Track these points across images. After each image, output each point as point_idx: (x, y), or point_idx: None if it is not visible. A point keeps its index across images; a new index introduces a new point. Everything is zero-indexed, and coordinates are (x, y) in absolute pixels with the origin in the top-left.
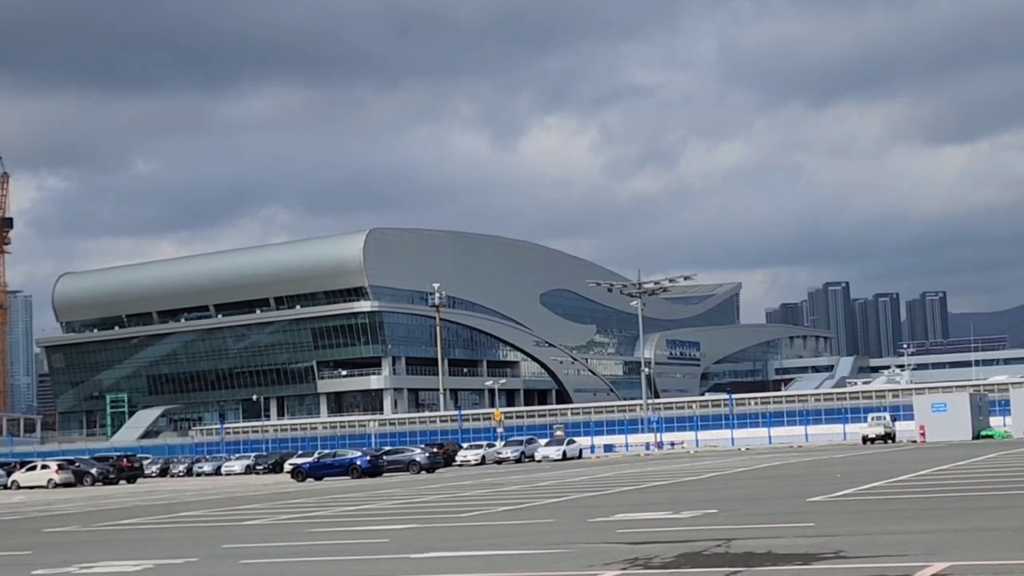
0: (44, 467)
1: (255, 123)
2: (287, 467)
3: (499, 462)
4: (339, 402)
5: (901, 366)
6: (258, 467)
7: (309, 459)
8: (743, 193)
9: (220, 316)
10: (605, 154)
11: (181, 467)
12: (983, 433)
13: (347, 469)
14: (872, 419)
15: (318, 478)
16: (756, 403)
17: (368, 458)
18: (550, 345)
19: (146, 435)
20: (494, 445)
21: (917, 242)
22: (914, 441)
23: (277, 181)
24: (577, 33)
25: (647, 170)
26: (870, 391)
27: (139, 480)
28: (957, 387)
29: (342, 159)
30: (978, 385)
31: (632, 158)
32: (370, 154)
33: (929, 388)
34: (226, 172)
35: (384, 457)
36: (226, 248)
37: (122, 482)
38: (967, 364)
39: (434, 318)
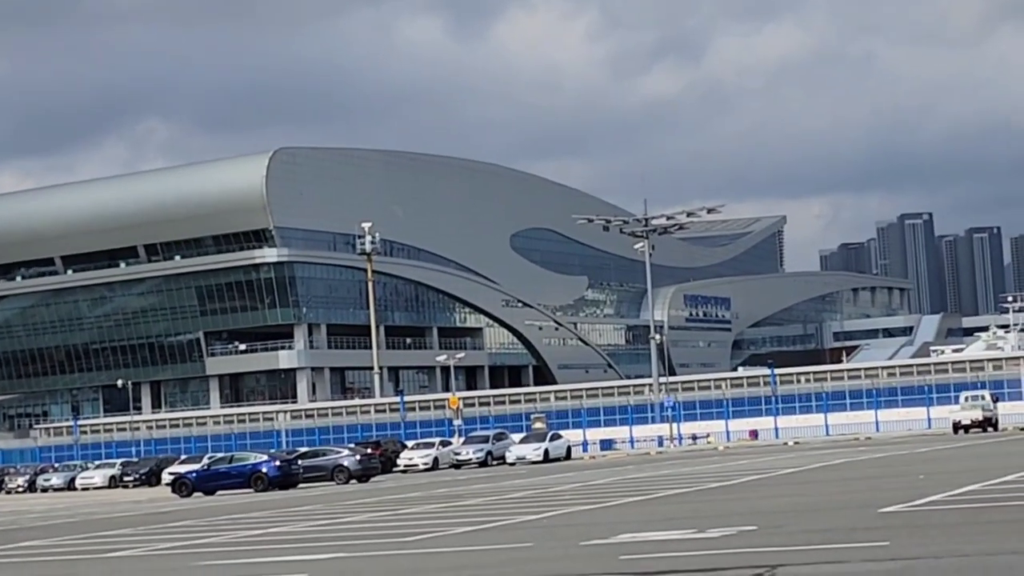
0: None
1: (129, 10)
2: (166, 477)
3: (457, 466)
4: (236, 387)
5: (1005, 326)
6: (126, 478)
7: (197, 466)
8: (793, 95)
9: (70, 272)
10: (607, 43)
11: (20, 480)
12: None
13: (249, 479)
14: (966, 399)
15: (209, 492)
16: (808, 380)
17: (277, 463)
18: (525, 305)
19: None
20: (450, 443)
21: None
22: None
23: (157, 86)
24: None
25: (664, 65)
26: (963, 361)
27: None
28: None
29: (248, 56)
30: None
31: (644, 48)
32: (287, 49)
33: None
34: (88, 76)
35: (299, 462)
36: (82, 179)
37: None
38: None
39: (365, 270)
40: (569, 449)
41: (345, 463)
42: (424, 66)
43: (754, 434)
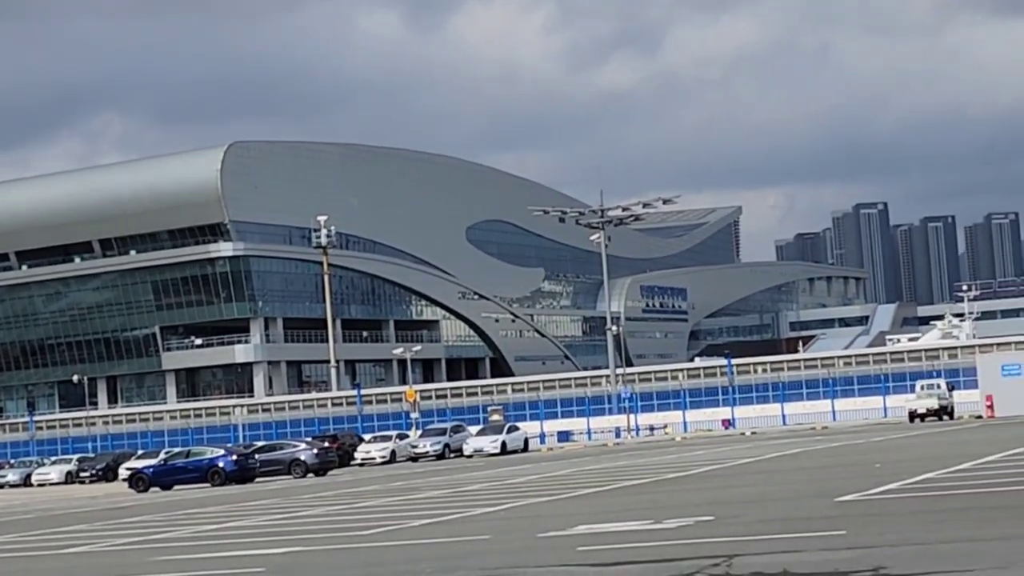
0: None
1: (84, 3)
2: (123, 472)
3: (415, 459)
4: (193, 382)
5: (960, 315)
6: (83, 473)
7: (154, 461)
8: (749, 86)
9: (24, 267)
10: (564, 35)
11: None
12: None
13: (206, 473)
14: (922, 388)
15: (167, 487)
16: (765, 370)
17: (234, 458)
18: (481, 297)
19: None
20: (407, 436)
21: (981, 148)
22: (979, 416)
23: (112, 81)
24: None
25: (620, 56)
26: (918, 350)
27: None
28: None
29: (205, 49)
30: None
31: (600, 40)
32: (244, 42)
33: (998, 344)
34: (43, 70)
35: (256, 456)
36: (37, 174)
37: None
38: None
39: (321, 264)
40: (526, 441)
41: (302, 457)
42: (381, 59)
43: (727, 423)
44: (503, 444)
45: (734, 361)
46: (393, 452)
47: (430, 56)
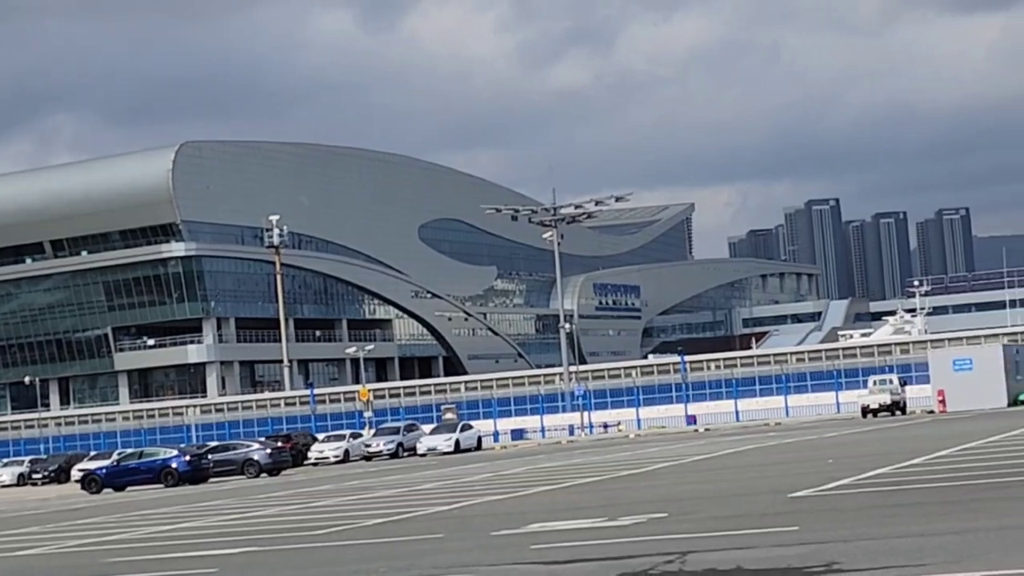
0: None
1: (36, 1)
2: (76, 474)
3: (368, 458)
4: (145, 383)
5: (911, 310)
6: (35, 475)
7: (106, 462)
8: (702, 84)
9: None
10: (517, 33)
11: None
12: (1022, 398)
13: (159, 474)
14: (874, 383)
15: (120, 488)
16: (718, 366)
17: (187, 458)
18: (434, 296)
19: None
20: (361, 435)
21: (932, 144)
22: (931, 412)
23: (64, 81)
24: None
25: (574, 54)
26: (871, 345)
27: None
28: (987, 337)
29: (158, 49)
30: (1015, 334)
31: (554, 38)
32: (197, 41)
33: (949, 339)
34: None
35: (209, 456)
36: None
37: None
38: (999, 305)
39: (273, 263)
40: (480, 439)
41: (255, 457)
42: (335, 58)
43: (693, 419)
44: (457, 443)
45: (687, 358)
46: (347, 451)
47: (384, 55)
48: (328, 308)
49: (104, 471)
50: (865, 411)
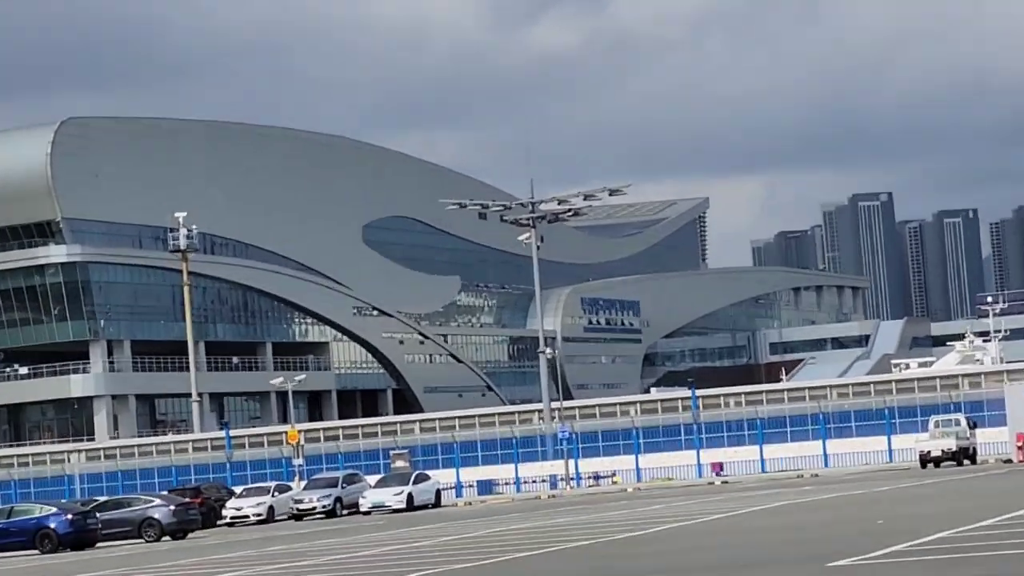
0: None
1: None
2: None
3: (298, 516)
4: (17, 422)
5: (983, 334)
6: None
7: None
8: (721, 49)
9: None
10: None
11: None
12: None
13: (33, 537)
14: (937, 425)
15: None
16: (738, 403)
17: (69, 517)
18: (382, 314)
19: None
20: (289, 488)
21: (1009, 125)
22: (1008, 460)
23: None
24: None
25: (558, 12)
26: (932, 377)
27: None
28: None
29: (36, 7)
30: None
31: None
32: None
33: None
34: None
35: (98, 514)
36: None
37: None
38: None
39: (179, 272)
40: (439, 493)
41: (156, 515)
42: (258, 17)
43: (719, 467)
44: (409, 497)
45: (700, 392)
46: (271, 509)
47: (318, 10)
48: (248, 328)
49: None
50: (925, 460)
